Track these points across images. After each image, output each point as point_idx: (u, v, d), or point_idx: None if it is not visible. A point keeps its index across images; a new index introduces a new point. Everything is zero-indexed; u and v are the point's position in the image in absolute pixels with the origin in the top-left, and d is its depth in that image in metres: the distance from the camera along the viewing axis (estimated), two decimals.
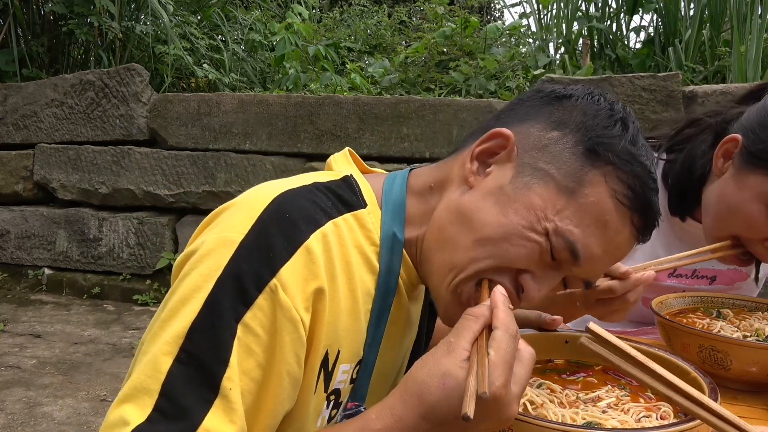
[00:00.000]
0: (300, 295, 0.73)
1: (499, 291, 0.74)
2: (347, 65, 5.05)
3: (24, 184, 4.47)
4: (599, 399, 0.87)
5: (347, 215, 0.81)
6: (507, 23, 5.72)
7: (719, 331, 1.14)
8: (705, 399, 0.71)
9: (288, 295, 0.71)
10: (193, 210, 4.17)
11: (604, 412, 0.83)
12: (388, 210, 0.85)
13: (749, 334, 1.15)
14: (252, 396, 0.71)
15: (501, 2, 7.89)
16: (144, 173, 4.17)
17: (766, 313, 1.26)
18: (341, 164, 0.91)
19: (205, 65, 4.85)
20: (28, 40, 4.98)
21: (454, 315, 0.79)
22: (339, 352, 0.80)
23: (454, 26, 4.99)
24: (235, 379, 0.69)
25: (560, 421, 0.78)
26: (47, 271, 4.43)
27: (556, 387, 0.90)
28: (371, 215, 0.84)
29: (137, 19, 5.08)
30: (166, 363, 0.68)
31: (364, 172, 0.92)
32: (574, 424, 0.78)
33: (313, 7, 6.50)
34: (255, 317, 0.71)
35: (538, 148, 0.80)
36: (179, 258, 0.78)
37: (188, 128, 4.11)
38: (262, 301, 0.71)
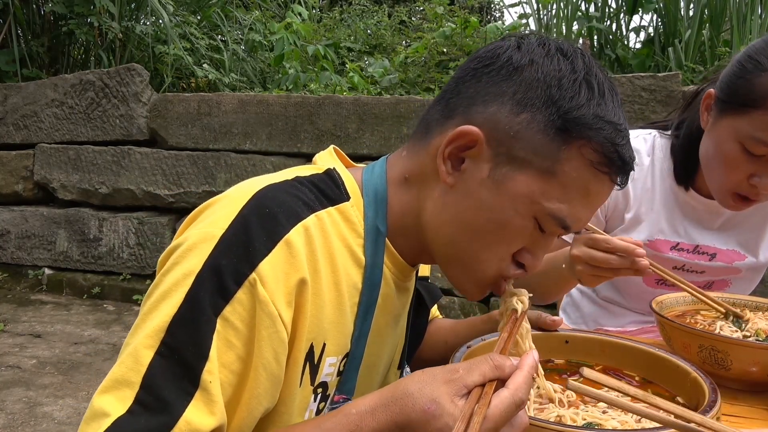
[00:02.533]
0: (281, 289, 0.73)
1: (532, 356, 0.73)
2: (347, 65, 5.05)
3: (24, 184, 4.47)
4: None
5: (331, 209, 0.82)
6: (507, 23, 5.72)
7: (719, 332, 1.14)
8: (707, 420, 0.70)
9: (267, 289, 0.72)
10: (193, 210, 4.16)
11: (604, 412, 0.83)
12: (370, 201, 0.86)
13: (749, 334, 1.15)
14: (232, 388, 0.72)
15: (501, 2, 7.89)
16: (144, 173, 4.17)
17: (767, 313, 1.27)
18: (325, 161, 0.91)
19: (205, 65, 4.85)
20: (28, 40, 4.97)
21: (478, 297, 0.88)
22: (325, 345, 0.80)
23: (454, 26, 4.98)
24: (215, 372, 0.69)
25: (560, 421, 0.78)
26: (47, 271, 4.43)
27: (557, 387, 0.90)
28: (355, 208, 0.85)
29: (137, 19, 5.08)
30: (147, 356, 0.69)
31: (348, 167, 0.92)
32: (575, 424, 0.78)
33: (313, 7, 6.50)
34: (234, 311, 0.71)
35: (509, 136, 0.79)
36: (164, 252, 0.79)
37: (188, 128, 4.11)
38: (241, 295, 0.72)
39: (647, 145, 1.49)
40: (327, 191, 0.83)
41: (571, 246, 1.17)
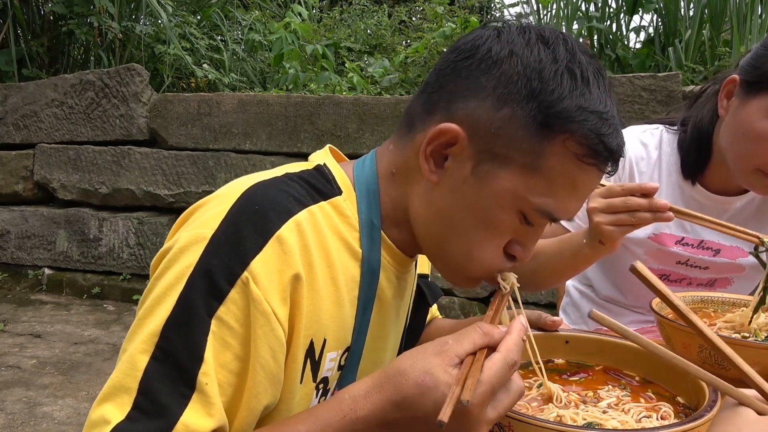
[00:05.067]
0: (275, 287, 0.73)
1: (520, 321, 0.74)
2: (347, 65, 5.05)
3: (24, 184, 4.47)
4: (600, 399, 0.87)
5: (323, 203, 0.82)
6: None
7: (719, 331, 1.14)
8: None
9: (260, 287, 0.72)
10: None
11: (604, 412, 0.83)
12: (363, 195, 0.86)
13: (749, 335, 1.15)
14: (232, 388, 0.72)
15: (501, 2, 7.89)
16: (144, 173, 4.17)
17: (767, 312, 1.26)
18: (318, 158, 0.91)
19: (204, 65, 4.84)
20: (28, 40, 4.98)
21: (471, 287, 0.88)
22: (325, 340, 0.80)
23: (454, 26, 4.98)
24: (211, 373, 0.69)
25: (560, 421, 0.78)
26: (47, 271, 4.43)
27: (556, 387, 0.90)
28: (347, 201, 0.84)
29: (137, 19, 5.08)
30: (143, 361, 0.69)
31: (340, 161, 0.92)
32: (575, 424, 0.78)
33: (313, 7, 6.50)
34: (229, 311, 0.71)
35: (491, 132, 0.77)
36: (156, 255, 0.79)
37: (188, 128, 4.11)
38: (234, 294, 0.71)
39: (655, 139, 1.50)
40: (318, 186, 0.83)
41: (587, 201, 1.17)
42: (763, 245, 1.21)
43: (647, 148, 1.48)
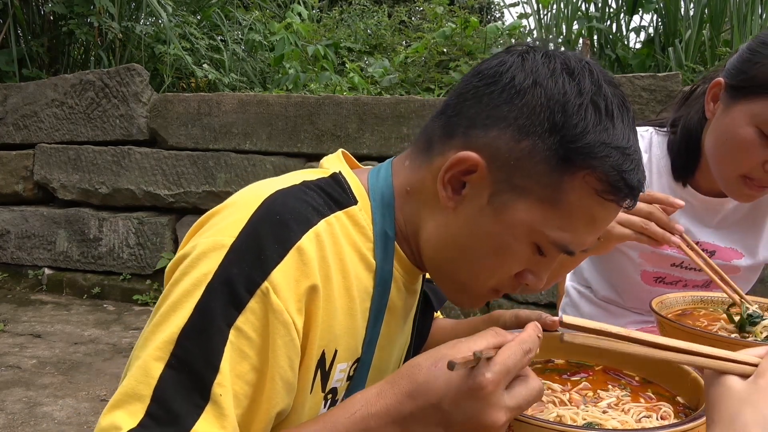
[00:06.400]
0: (292, 297, 0.72)
1: (535, 322, 0.74)
2: (347, 65, 5.05)
3: (24, 184, 4.47)
4: (599, 399, 0.87)
5: (339, 213, 0.81)
6: (507, 23, 5.72)
7: (718, 332, 1.14)
8: (695, 347, 0.70)
9: (280, 298, 0.71)
10: (193, 210, 4.17)
11: (604, 412, 0.83)
12: (378, 206, 0.85)
13: (748, 335, 1.15)
14: (248, 399, 0.71)
15: (501, 2, 7.89)
16: (144, 173, 4.17)
17: (766, 312, 1.26)
18: (332, 164, 0.90)
19: (205, 65, 4.84)
20: (28, 40, 4.98)
21: (472, 306, 0.88)
22: (336, 351, 0.79)
23: (454, 26, 4.98)
24: (227, 384, 0.68)
25: (560, 421, 0.78)
26: (47, 271, 4.43)
27: (556, 387, 0.90)
28: (362, 211, 0.83)
29: (137, 19, 5.08)
30: (158, 369, 0.68)
31: (353, 167, 0.91)
32: (574, 424, 0.78)
33: (313, 7, 6.50)
34: (247, 321, 0.70)
35: (510, 164, 0.76)
36: (172, 261, 0.77)
37: (188, 128, 4.11)
38: (254, 304, 0.70)
39: (644, 142, 1.49)
40: (334, 195, 0.82)
41: None
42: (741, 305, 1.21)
43: None
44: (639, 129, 1.52)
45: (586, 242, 0.80)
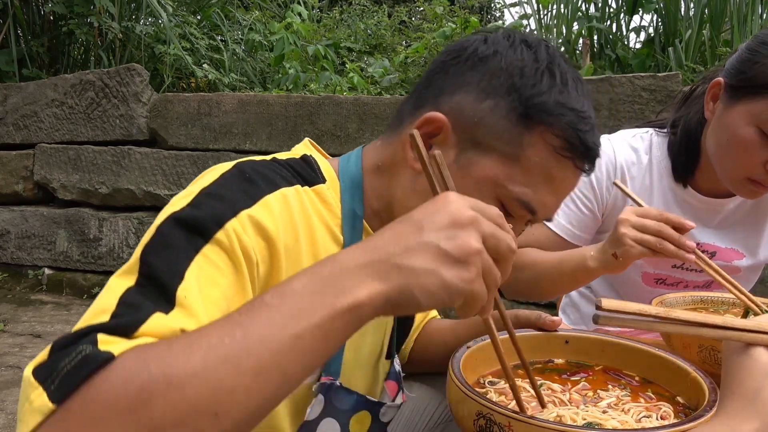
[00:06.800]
0: (257, 242, 0.73)
1: None
2: (347, 65, 5.05)
3: (24, 184, 4.47)
4: (599, 399, 0.87)
5: (307, 188, 0.84)
6: (507, 23, 5.72)
7: None
8: (732, 320, 0.70)
9: (247, 234, 0.72)
10: None
11: (604, 412, 0.83)
12: (347, 186, 0.88)
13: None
14: (225, 301, 0.68)
15: (501, 2, 7.89)
16: (144, 173, 4.17)
17: (766, 313, 1.26)
18: (301, 150, 0.94)
19: (205, 65, 4.84)
20: (28, 40, 4.97)
21: None
22: None
23: (454, 26, 4.98)
24: (194, 289, 0.65)
25: (560, 421, 0.78)
26: (47, 271, 4.43)
27: (556, 387, 0.90)
28: (331, 190, 0.87)
29: (137, 19, 5.08)
30: (122, 285, 0.64)
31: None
32: (574, 424, 0.78)
33: (313, 7, 6.50)
34: (213, 250, 0.69)
35: (474, 122, 0.81)
36: None
37: (188, 128, 4.11)
38: (221, 236, 0.70)
39: (645, 143, 1.48)
40: (303, 173, 0.86)
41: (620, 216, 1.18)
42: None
43: (638, 152, 1.47)
44: (638, 131, 1.52)
45: (548, 203, 0.83)
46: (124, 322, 0.59)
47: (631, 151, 1.48)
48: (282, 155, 0.88)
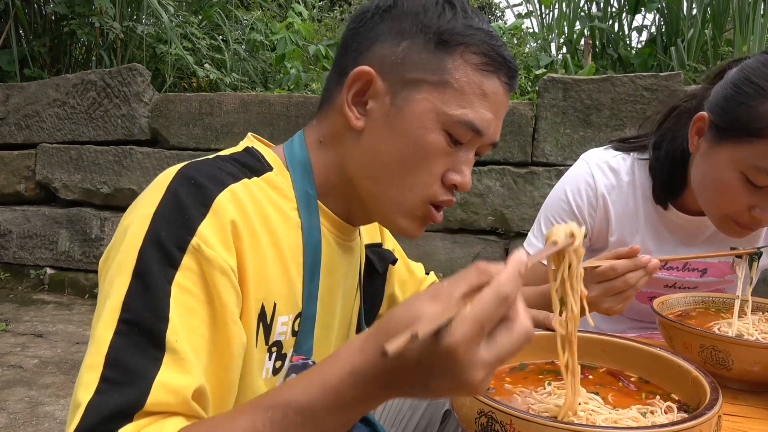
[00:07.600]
0: (220, 242, 0.75)
1: (517, 255, 0.62)
2: None
3: (26, 184, 4.47)
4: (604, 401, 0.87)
5: (255, 179, 0.85)
6: (509, 23, 5.71)
7: (719, 331, 1.14)
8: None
9: (210, 247, 0.73)
10: None
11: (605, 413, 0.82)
12: (296, 169, 0.90)
13: (748, 336, 1.14)
14: (206, 353, 0.71)
15: (503, 2, 7.89)
16: (146, 173, 4.17)
17: (766, 314, 1.26)
18: (244, 144, 0.95)
19: (206, 65, 4.84)
20: (30, 41, 4.98)
21: (416, 232, 0.91)
22: (275, 305, 0.82)
23: None
24: (180, 333, 0.68)
25: (558, 408, 0.78)
26: (49, 270, 4.44)
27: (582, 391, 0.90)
28: (279, 176, 0.89)
29: (138, 20, 5.09)
30: (107, 336, 0.68)
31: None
32: (574, 423, 0.78)
33: (314, 7, 6.50)
34: (186, 277, 0.71)
35: (396, 64, 0.85)
36: (105, 252, 0.80)
37: (190, 128, 4.12)
38: (188, 261, 0.72)
39: (626, 164, 1.45)
40: (249, 164, 0.87)
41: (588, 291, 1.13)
42: (740, 258, 1.21)
43: (618, 174, 1.43)
44: (620, 153, 1.47)
45: (488, 119, 0.86)
46: (133, 401, 0.64)
47: (611, 174, 1.44)
48: (225, 151, 0.90)
